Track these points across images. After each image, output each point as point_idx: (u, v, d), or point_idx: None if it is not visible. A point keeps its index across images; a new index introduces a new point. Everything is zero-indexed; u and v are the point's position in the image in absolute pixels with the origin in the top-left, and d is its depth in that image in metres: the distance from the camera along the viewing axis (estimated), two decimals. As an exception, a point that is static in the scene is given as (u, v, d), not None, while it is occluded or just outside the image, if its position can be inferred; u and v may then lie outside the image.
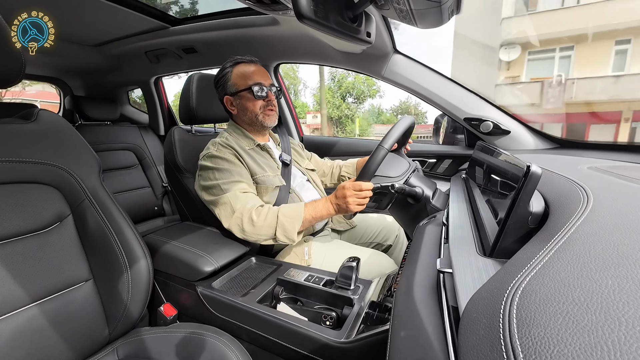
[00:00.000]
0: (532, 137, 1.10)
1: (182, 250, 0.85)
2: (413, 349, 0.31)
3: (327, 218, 0.89)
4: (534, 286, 0.21)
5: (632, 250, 0.21)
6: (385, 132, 0.85)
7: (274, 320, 0.66)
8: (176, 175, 1.09)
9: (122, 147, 1.83)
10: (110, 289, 0.68)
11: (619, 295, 0.17)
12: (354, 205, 0.82)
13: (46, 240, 0.62)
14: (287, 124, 1.62)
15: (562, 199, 0.37)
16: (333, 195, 0.87)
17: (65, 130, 0.71)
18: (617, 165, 0.60)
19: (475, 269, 0.35)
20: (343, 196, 0.83)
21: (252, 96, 0.97)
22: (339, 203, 0.85)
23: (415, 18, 0.60)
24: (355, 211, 0.84)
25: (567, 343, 0.16)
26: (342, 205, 0.84)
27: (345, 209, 0.84)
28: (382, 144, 0.81)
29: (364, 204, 0.83)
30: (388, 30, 1.07)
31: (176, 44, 1.48)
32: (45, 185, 0.65)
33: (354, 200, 0.82)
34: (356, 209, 0.83)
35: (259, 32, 1.26)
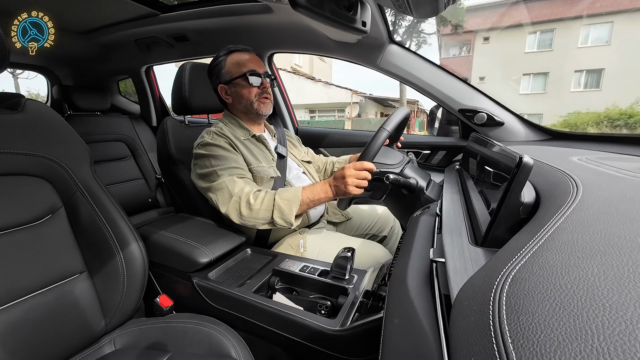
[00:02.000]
0: (525, 128, 1.11)
1: (177, 241, 0.85)
2: (406, 336, 0.32)
3: (325, 201, 0.88)
4: (524, 274, 0.22)
5: (617, 239, 0.22)
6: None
7: (270, 310, 0.67)
8: (170, 167, 1.08)
9: (114, 138, 1.80)
10: (105, 281, 0.67)
11: (603, 282, 0.18)
12: (352, 186, 0.81)
13: (39, 232, 0.62)
14: (282, 114, 1.61)
15: (552, 190, 0.37)
16: (332, 178, 0.87)
17: (54, 120, 0.69)
18: (606, 157, 0.61)
19: (467, 258, 0.36)
20: (342, 176, 0.82)
21: (247, 83, 0.96)
22: (338, 184, 0.84)
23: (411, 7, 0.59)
24: (353, 194, 0.83)
25: (553, 328, 0.17)
26: (341, 186, 0.83)
27: (344, 191, 0.83)
28: (384, 126, 0.81)
29: (362, 186, 0.83)
30: (384, 20, 1.06)
31: (167, 32, 1.44)
32: (36, 177, 0.63)
33: (352, 180, 0.81)
34: (354, 190, 0.82)
35: (253, 20, 1.23)
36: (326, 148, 1.58)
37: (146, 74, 1.93)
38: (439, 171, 1.28)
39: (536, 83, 10.05)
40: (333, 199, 0.88)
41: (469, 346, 0.21)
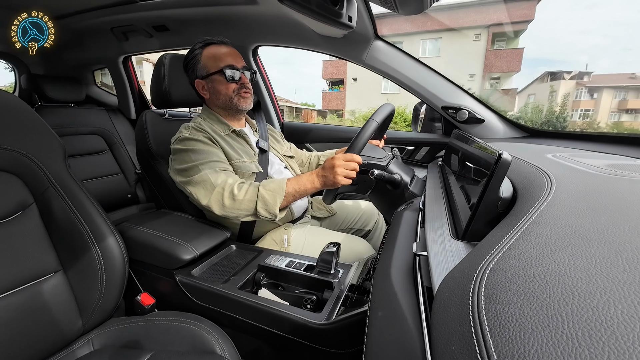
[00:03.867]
0: (505, 126, 1.15)
1: (158, 238, 0.83)
2: (390, 328, 0.33)
3: (311, 192, 0.87)
4: (501, 266, 0.23)
5: (586, 232, 0.23)
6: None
7: (255, 306, 0.67)
8: (149, 162, 1.04)
9: (90, 131, 1.71)
10: (82, 280, 0.65)
11: (573, 271, 0.19)
12: (341, 176, 0.80)
13: (8, 230, 0.58)
14: (267, 109, 1.58)
15: (528, 185, 0.39)
16: (320, 168, 0.86)
17: (22, 111, 0.65)
18: (579, 154, 0.64)
19: (449, 251, 0.37)
20: (331, 166, 0.81)
21: (224, 79, 0.93)
22: (326, 174, 0.83)
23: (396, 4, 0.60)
24: (342, 184, 0.82)
25: (527, 316, 0.18)
26: (329, 176, 0.82)
27: (332, 181, 0.82)
28: (373, 117, 0.82)
29: (351, 177, 0.82)
30: (369, 15, 1.06)
31: (145, 21, 1.38)
32: (3, 172, 0.60)
33: (342, 170, 0.80)
34: (343, 181, 0.81)
35: (236, 11, 1.20)
36: (311, 143, 1.57)
37: (124, 64, 1.84)
38: (423, 167, 1.31)
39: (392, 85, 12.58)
40: (319, 189, 0.87)
41: (449, 336, 0.22)
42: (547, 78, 18.16)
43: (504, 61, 11.05)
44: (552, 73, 18.17)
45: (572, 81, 17.65)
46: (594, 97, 17.62)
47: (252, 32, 1.33)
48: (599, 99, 17.14)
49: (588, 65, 47.22)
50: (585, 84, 17.66)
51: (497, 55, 11.39)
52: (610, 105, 10.92)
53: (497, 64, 11.23)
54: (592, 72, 17.90)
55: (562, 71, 17.93)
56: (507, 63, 11.02)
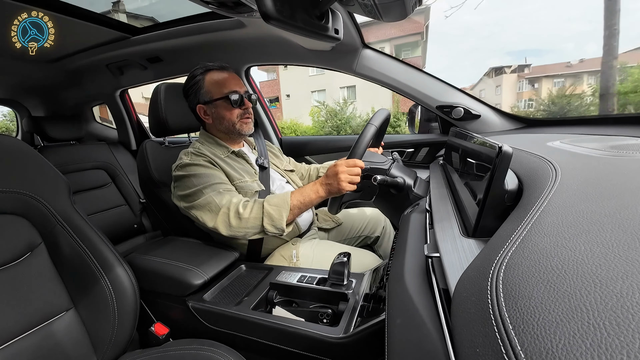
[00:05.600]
0: (501, 119, 1.16)
1: (168, 265, 0.82)
2: (410, 334, 0.32)
3: (316, 202, 0.86)
4: (516, 260, 0.23)
5: (598, 216, 0.23)
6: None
7: (270, 325, 0.66)
8: (152, 190, 1.05)
9: (92, 166, 1.74)
10: (95, 316, 0.64)
11: (591, 258, 0.19)
12: (345, 182, 0.80)
13: (18, 272, 0.58)
14: (265, 127, 1.60)
15: (533, 175, 0.39)
16: (323, 176, 0.85)
17: (26, 153, 0.66)
18: (580, 139, 0.64)
19: (461, 250, 0.37)
20: (334, 173, 0.81)
21: (230, 104, 0.94)
22: (330, 182, 0.82)
23: (380, 12, 0.61)
24: (347, 190, 0.81)
25: (550, 310, 0.17)
26: (333, 183, 0.81)
27: (337, 188, 0.81)
28: (371, 121, 0.82)
29: (355, 182, 0.81)
30: (355, 26, 1.08)
31: (140, 54, 1.42)
32: (10, 214, 0.60)
33: (345, 176, 0.80)
34: (347, 187, 0.80)
35: (226, 36, 1.24)
36: (311, 156, 1.58)
37: (121, 97, 1.89)
38: (424, 167, 1.30)
39: (320, 97, 13.69)
40: (325, 198, 0.86)
41: (472, 337, 0.21)
42: (493, 73, 19.54)
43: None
44: (497, 68, 19.62)
45: (513, 74, 19.01)
46: (535, 87, 18.56)
47: (243, 54, 1.36)
48: (540, 88, 18.07)
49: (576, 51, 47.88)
50: (525, 75, 18.80)
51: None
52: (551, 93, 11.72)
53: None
54: (531, 65, 19.29)
55: (503, 66, 19.40)
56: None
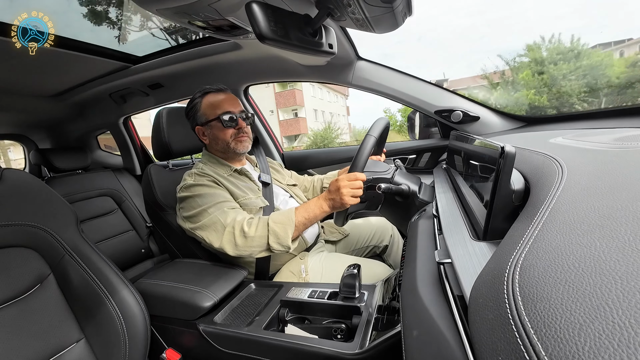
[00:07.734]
0: (500, 119, 1.16)
1: (176, 289, 0.81)
2: (428, 346, 0.31)
3: (320, 217, 0.86)
4: (531, 261, 0.22)
5: (610, 210, 0.22)
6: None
7: (283, 345, 0.64)
8: (158, 214, 1.06)
9: (98, 193, 1.76)
10: (105, 345, 0.63)
11: (608, 254, 0.18)
12: (348, 196, 0.80)
13: (28, 305, 0.58)
14: (265, 143, 1.62)
15: (539, 173, 0.38)
16: (326, 192, 0.85)
17: (34, 186, 0.67)
18: (582, 133, 0.64)
19: (473, 254, 0.36)
20: (337, 188, 0.81)
21: (222, 125, 0.96)
22: (333, 197, 0.83)
23: (371, 25, 0.63)
24: (350, 204, 0.81)
25: (572, 311, 0.16)
26: (337, 198, 0.82)
27: (340, 203, 0.81)
28: (370, 133, 0.82)
29: (357, 195, 0.81)
30: (348, 40, 1.11)
31: (141, 82, 1.46)
32: (20, 247, 0.61)
33: (348, 191, 0.80)
34: (351, 201, 0.81)
35: (224, 59, 1.27)
36: (313, 169, 1.59)
37: (124, 125, 1.93)
38: (428, 173, 1.30)
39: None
40: (329, 213, 0.86)
41: (493, 345, 0.20)
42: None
43: (286, 99, 17.89)
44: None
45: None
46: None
47: (241, 75, 1.40)
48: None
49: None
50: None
51: (281, 95, 17.88)
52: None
53: (282, 101, 17.88)
54: (448, 79, 20.25)
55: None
56: (288, 100, 17.86)
